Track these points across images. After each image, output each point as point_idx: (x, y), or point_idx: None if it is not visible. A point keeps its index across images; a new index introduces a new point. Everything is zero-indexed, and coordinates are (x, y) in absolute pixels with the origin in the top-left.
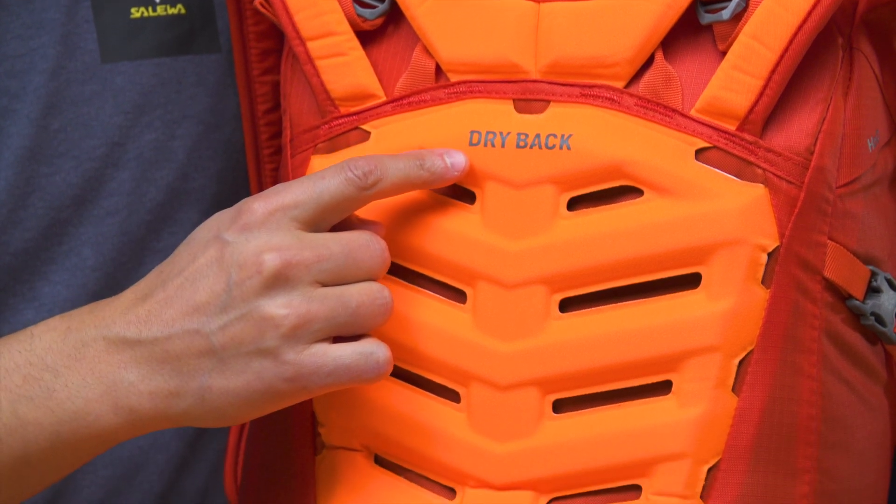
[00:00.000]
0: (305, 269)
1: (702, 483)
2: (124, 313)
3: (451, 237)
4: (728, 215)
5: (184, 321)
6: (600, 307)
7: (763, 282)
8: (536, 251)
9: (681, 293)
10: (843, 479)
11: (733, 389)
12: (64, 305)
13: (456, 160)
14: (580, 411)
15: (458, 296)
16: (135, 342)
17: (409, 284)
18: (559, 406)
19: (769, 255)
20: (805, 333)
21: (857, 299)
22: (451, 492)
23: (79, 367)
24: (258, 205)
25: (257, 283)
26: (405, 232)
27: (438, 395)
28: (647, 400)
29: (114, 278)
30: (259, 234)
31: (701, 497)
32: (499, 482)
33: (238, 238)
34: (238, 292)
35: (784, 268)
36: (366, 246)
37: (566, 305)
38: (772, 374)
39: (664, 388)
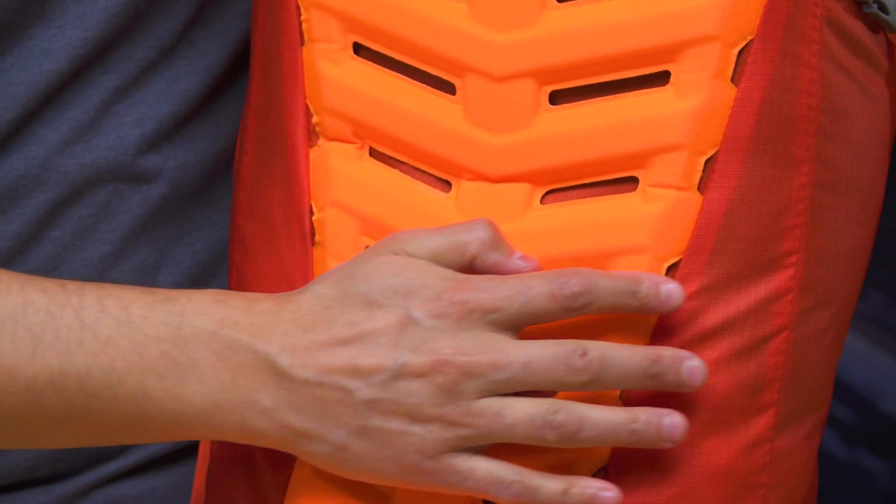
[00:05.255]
0: (476, 378)
1: (699, 174)
2: (282, 336)
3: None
4: None
5: (340, 376)
6: None
7: None
8: None
9: None
10: (842, 170)
11: (732, 80)
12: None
13: (671, 291)
14: (577, 103)
15: None
16: (284, 374)
17: None
18: (556, 98)
19: None
20: (806, 22)
21: None
22: (446, 184)
23: (221, 368)
24: (460, 297)
25: (423, 386)
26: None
27: (434, 86)
28: (644, 91)
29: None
30: (448, 327)
31: (698, 188)
32: (495, 174)
33: (427, 322)
34: (401, 381)
35: None
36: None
37: None
38: (772, 63)
39: (662, 78)
